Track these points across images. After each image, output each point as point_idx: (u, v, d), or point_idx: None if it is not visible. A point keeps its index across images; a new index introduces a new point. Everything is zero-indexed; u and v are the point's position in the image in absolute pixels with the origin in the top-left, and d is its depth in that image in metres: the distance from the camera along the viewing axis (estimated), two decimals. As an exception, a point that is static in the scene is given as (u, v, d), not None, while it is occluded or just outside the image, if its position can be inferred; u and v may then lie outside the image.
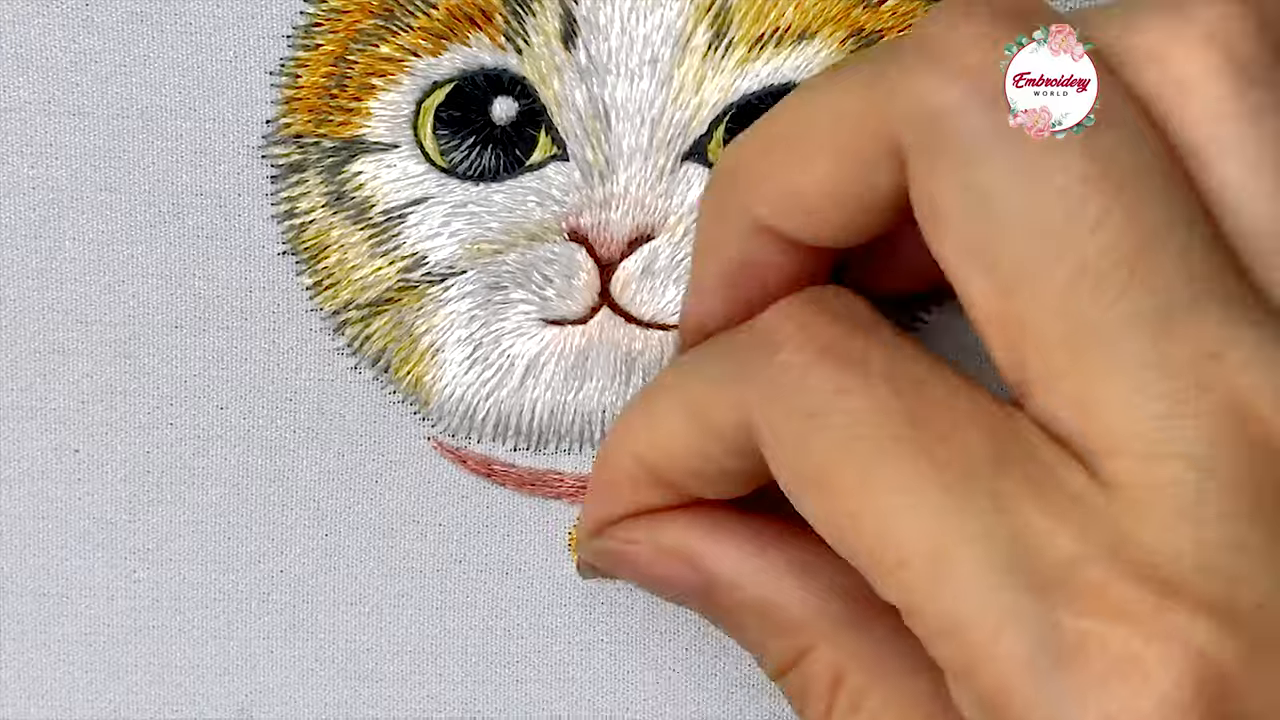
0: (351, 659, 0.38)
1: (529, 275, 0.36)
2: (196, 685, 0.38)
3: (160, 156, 0.36)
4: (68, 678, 0.37)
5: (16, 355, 0.37)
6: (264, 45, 0.36)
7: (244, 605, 0.37)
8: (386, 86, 0.36)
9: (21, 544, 0.37)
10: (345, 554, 0.37)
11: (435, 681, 0.38)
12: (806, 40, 0.36)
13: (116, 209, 0.36)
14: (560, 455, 0.37)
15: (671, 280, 0.36)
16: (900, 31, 0.36)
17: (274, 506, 0.37)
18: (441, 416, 0.37)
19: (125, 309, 0.36)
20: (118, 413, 0.37)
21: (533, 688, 0.38)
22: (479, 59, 0.35)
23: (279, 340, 0.37)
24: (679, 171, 0.36)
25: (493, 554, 0.37)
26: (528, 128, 0.36)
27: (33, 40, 0.35)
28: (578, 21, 0.35)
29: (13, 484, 0.37)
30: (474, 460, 0.37)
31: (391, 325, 0.37)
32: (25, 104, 0.36)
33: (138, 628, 0.37)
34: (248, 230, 0.36)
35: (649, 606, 0.37)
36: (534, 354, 0.37)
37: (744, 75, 0.36)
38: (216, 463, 0.37)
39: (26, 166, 0.36)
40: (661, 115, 0.36)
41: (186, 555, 0.37)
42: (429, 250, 0.36)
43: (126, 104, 0.36)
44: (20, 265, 0.36)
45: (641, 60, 0.35)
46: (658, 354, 0.36)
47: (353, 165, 0.36)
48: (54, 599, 0.37)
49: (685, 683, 0.38)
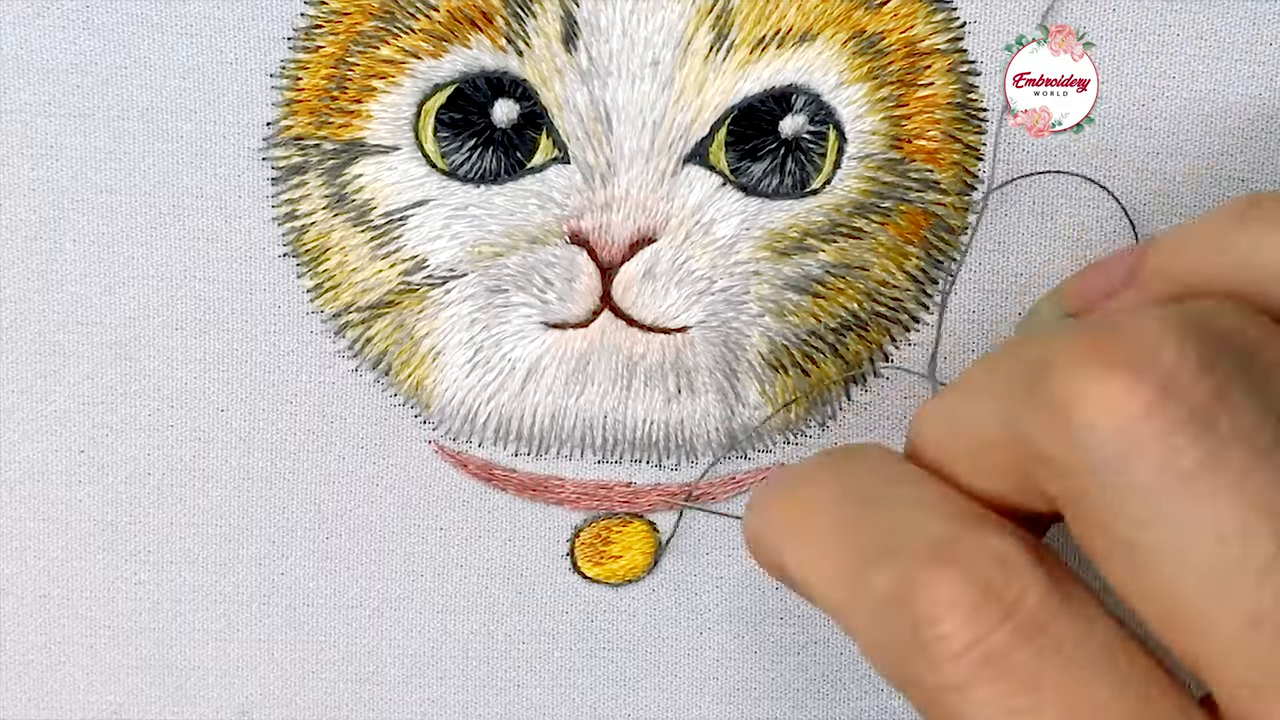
0: (351, 661, 0.38)
1: (530, 278, 0.36)
2: (197, 686, 0.38)
3: (161, 159, 0.36)
4: (68, 678, 0.38)
5: (18, 357, 0.37)
6: (264, 47, 0.36)
7: (245, 607, 0.37)
8: (387, 89, 0.36)
9: (23, 545, 0.37)
10: (346, 557, 0.37)
11: (435, 684, 0.38)
12: (808, 42, 0.35)
13: (117, 211, 0.36)
14: (561, 460, 0.37)
15: (673, 283, 0.36)
16: (902, 34, 0.36)
17: (274, 509, 0.37)
18: (442, 420, 0.37)
19: (126, 311, 0.36)
20: (118, 415, 0.37)
21: (533, 692, 0.38)
22: (480, 61, 0.35)
23: (280, 343, 0.37)
24: (680, 174, 0.36)
25: (493, 558, 0.37)
26: (529, 130, 0.36)
27: (34, 43, 0.36)
28: (579, 24, 0.35)
29: (14, 485, 0.37)
30: (475, 465, 0.37)
31: (392, 328, 0.37)
32: (26, 106, 0.36)
33: (138, 629, 0.37)
34: (248, 232, 0.36)
35: (649, 611, 0.37)
36: (535, 358, 0.36)
37: (745, 77, 0.35)
38: (217, 465, 0.37)
39: (28, 168, 0.36)
40: (663, 118, 0.35)
41: (187, 557, 0.37)
42: (430, 253, 0.36)
43: (127, 106, 0.36)
44: (21, 266, 0.36)
45: (643, 63, 0.35)
46: (659, 358, 0.36)
47: (353, 168, 0.36)
48: (55, 600, 0.37)
49: (686, 687, 0.38)
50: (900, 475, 0.29)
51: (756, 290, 0.36)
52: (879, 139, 0.36)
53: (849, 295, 0.37)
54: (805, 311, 0.37)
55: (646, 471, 0.37)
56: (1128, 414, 0.25)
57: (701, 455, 0.37)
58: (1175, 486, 0.25)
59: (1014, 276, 0.37)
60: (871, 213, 0.36)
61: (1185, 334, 0.25)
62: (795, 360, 0.37)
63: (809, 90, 0.36)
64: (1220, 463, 0.25)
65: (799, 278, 0.36)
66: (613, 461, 0.37)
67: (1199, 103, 0.37)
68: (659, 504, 0.37)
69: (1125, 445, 0.25)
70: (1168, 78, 0.37)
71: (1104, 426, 0.25)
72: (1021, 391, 0.27)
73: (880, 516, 0.28)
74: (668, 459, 0.37)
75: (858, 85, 0.36)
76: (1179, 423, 0.25)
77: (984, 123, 0.37)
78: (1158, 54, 0.36)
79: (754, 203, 0.36)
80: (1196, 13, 0.36)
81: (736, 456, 0.37)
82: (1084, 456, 0.25)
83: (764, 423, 0.37)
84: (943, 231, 0.37)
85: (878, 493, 0.29)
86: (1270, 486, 0.25)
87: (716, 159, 0.36)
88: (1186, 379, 0.25)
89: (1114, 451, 0.25)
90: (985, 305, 0.37)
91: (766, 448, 0.37)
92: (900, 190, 0.36)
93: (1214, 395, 0.25)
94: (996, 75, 0.36)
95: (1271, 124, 0.37)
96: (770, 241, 0.36)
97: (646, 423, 0.37)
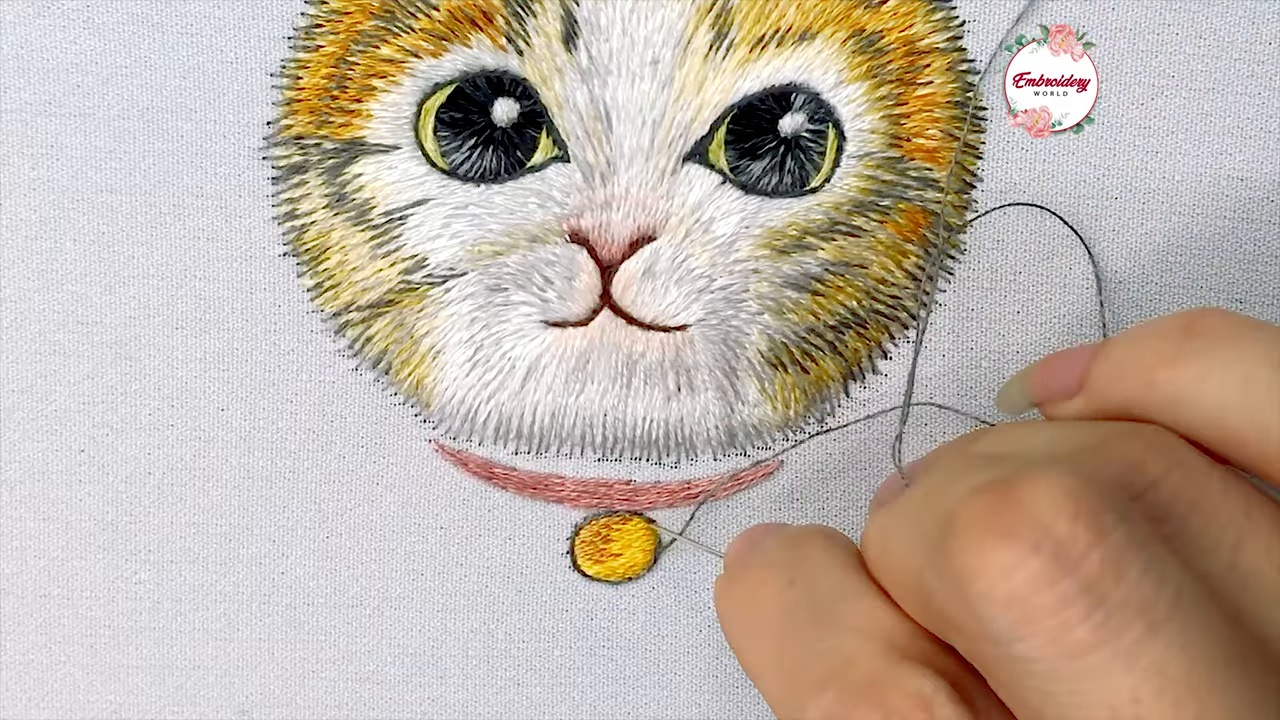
0: (352, 660, 0.38)
1: (530, 277, 0.36)
2: (197, 685, 0.38)
3: (161, 158, 0.36)
4: (68, 678, 0.38)
5: (18, 356, 0.37)
6: (265, 47, 0.36)
7: (245, 606, 0.37)
8: (387, 88, 0.36)
9: (23, 545, 0.37)
10: (346, 556, 0.37)
11: (435, 683, 0.38)
12: (807, 41, 0.35)
13: (117, 210, 0.36)
14: (561, 459, 0.37)
15: (672, 281, 0.36)
16: (901, 32, 0.36)
17: (275, 508, 0.37)
18: (442, 419, 0.37)
19: (126, 310, 0.36)
20: (119, 414, 0.37)
21: (533, 690, 0.38)
22: (480, 60, 0.35)
23: (280, 342, 0.37)
24: (680, 172, 0.36)
25: (493, 556, 0.37)
26: (529, 129, 0.36)
27: (34, 42, 0.36)
28: (579, 23, 0.35)
29: (14, 485, 0.37)
30: (475, 463, 0.37)
31: (393, 327, 0.37)
32: (27, 105, 0.36)
33: (139, 628, 0.37)
34: (249, 232, 0.36)
35: (649, 609, 0.37)
36: (535, 356, 0.36)
37: (745, 76, 0.35)
38: (217, 464, 0.37)
39: (28, 167, 0.36)
40: (663, 116, 0.35)
41: (187, 556, 0.37)
42: (430, 252, 0.36)
43: (127, 105, 0.36)
44: (22, 266, 0.36)
45: (643, 61, 0.35)
46: (659, 356, 0.36)
47: (353, 167, 0.36)
48: (56, 600, 0.37)
49: (685, 685, 0.38)
50: (843, 590, 0.30)
51: (756, 288, 0.36)
52: (878, 137, 0.36)
53: (848, 293, 0.37)
54: (804, 309, 0.37)
55: (646, 469, 0.37)
56: (1019, 587, 0.25)
57: (701, 453, 0.37)
58: (1067, 660, 0.25)
59: (1012, 275, 0.37)
60: (870, 211, 0.36)
61: (1080, 503, 0.25)
62: (794, 358, 0.37)
63: (808, 89, 0.36)
64: (1112, 635, 0.25)
65: (798, 275, 0.36)
66: (612, 459, 0.37)
67: (1199, 103, 0.37)
68: (659, 501, 0.37)
69: (1017, 619, 0.25)
70: (1167, 78, 0.37)
71: (997, 599, 0.25)
72: (931, 546, 0.27)
73: (820, 639, 0.29)
74: (667, 456, 0.37)
75: (857, 84, 0.36)
76: (1069, 598, 0.25)
77: (984, 121, 0.37)
78: (1157, 54, 0.36)
79: (753, 201, 0.36)
80: (1196, 12, 0.36)
81: (736, 454, 0.37)
82: (982, 627, 0.26)
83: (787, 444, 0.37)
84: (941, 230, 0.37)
85: (822, 608, 0.30)
86: (1163, 658, 0.25)
87: (716, 157, 0.36)
88: (1078, 551, 0.25)
89: (1008, 624, 0.25)
90: (985, 304, 0.37)
91: (766, 445, 0.37)
92: (899, 189, 0.36)
93: (1107, 566, 0.25)
94: (995, 75, 0.36)
95: (1271, 124, 0.37)
96: (769, 239, 0.36)
97: (646, 420, 0.37)
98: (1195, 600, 0.25)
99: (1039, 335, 0.37)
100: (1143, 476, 0.27)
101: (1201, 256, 0.37)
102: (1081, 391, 0.31)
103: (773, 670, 0.30)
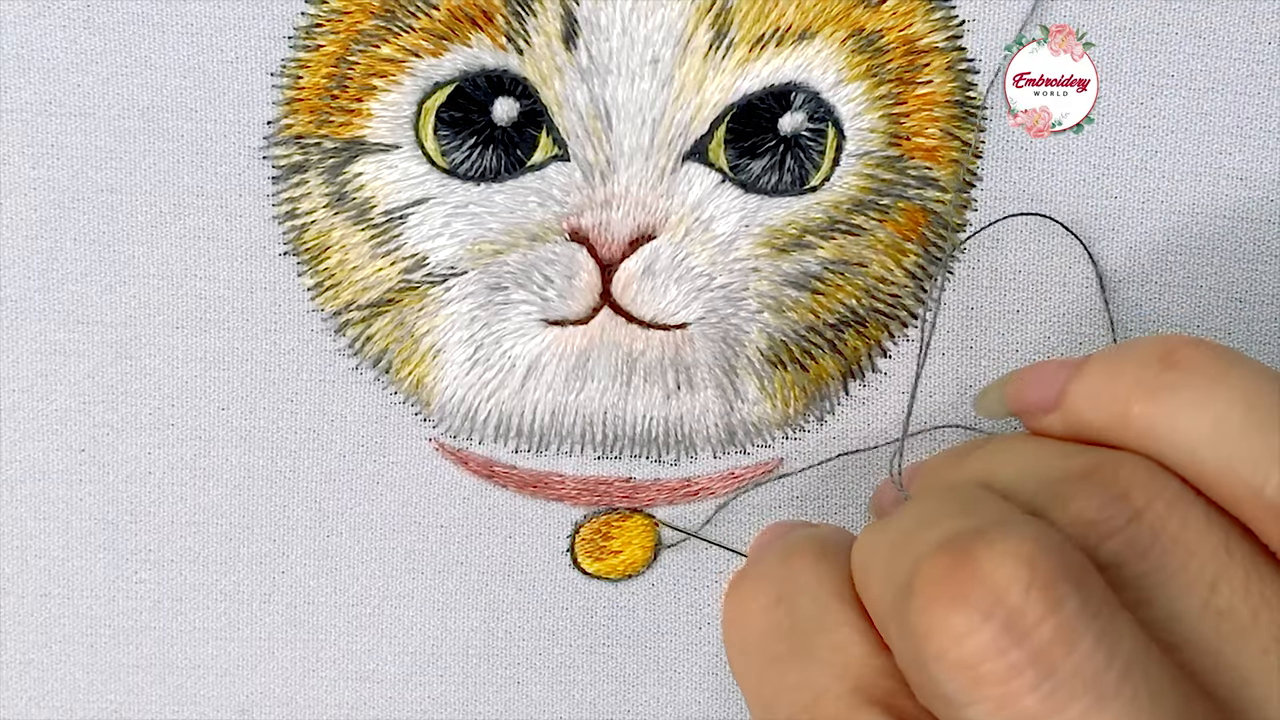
0: (352, 659, 0.38)
1: (530, 276, 0.36)
2: (197, 685, 0.38)
3: (161, 157, 0.36)
4: (69, 678, 0.38)
5: (18, 356, 0.37)
6: (265, 46, 0.36)
7: (245, 605, 0.37)
8: (387, 87, 0.36)
9: (23, 544, 0.37)
10: (346, 555, 0.37)
11: (436, 682, 0.38)
12: (807, 40, 0.36)
13: (118, 209, 0.36)
14: (561, 457, 0.37)
15: (672, 280, 0.36)
16: (901, 32, 0.36)
17: (275, 507, 0.37)
18: (443, 418, 0.37)
19: (126, 309, 0.36)
20: (119, 413, 0.37)
21: (533, 689, 0.38)
22: (480, 60, 0.35)
23: (280, 341, 0.37)
24: (680, 171, 0.36)
25: (494, 555, 0.37)
26: (529, 128, 0.36)
27: (35, 41, 0.36)
28: (579, 22, 0.35)
29: (15, 484, 0.37)
30: (475, 462, 0.37)
31: (393, 326, 0.37)
32: (27, 105, 0.36)
33: (139, 628, 0.37)
34: (249, 231, 0.36)
35: (649, 606, 0.37)
36: (535, 355, 0.37)
37: (745, 75, 0.35)
38: (218, 463, 0.37)
39: (28, 167, 0.36)
40: (662, 115, 0.36)
41: (188, 556, 0.37)
42: (430, 251, 0.36)
43: (128, 105, 0.36)
44: (22, 265, 0.36)
45: (643, 60, 0.35)
46: (658, 354, 0.36)
47: (354, 166, 0.36)
48: (56, 599, 0.37)
49: (685, 683, 0.38)
50: (821, 620, 0.30)
51: (755, 287, 0.36)
52: (878, 136, 0.36)
53: (848, 292, 0.37)
54: (804, 308, 0.37)
55: (646, 467, 0.37)
56: (970, 654, 0.25)
57: (700, 450, 0.37)
58: None
59: (1013, 274, 0.37)
60: (870, 210, 0.36)
61: (1036, 573, 0.25)
62: (794, 356, 0.37)
63: (808, 88, 0.36)
64: (1059, 706, 0.25)
65: (798, 274, 0.36)
66: (612, 457, 0.37)
67: (1198, 102, 0.37)
68: (658, 499, 0.37)
69: (968, 683, 0.25)
70: (1167, 77, 0.37)
71: (949, 662, 0.25)
72: (898, 593, 0.27)
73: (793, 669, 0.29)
74: (667, 454, 0.37)
75: (857, 83, 0.36)
76: (1018, 667, 0.25)
77: (984, 121, 0.37)
78: (1157, 54, 0.37)
79: (753, 200, 0.36)
80: (1195, 12, 0.36)
81: (736, 451, 0.37)
82: (935, 686, 0.26)
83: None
84: (940, 229, 0.37)
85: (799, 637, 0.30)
86: None
87: (716, 156, 0.36)
88: (1030, 621, 0.25)
89: (958, 688, 0.25)
90: (985, 304, 0.37)
91: (766, 443, 0.37)
92: (899, 187, 0.36)
93: (1058, 638, 0.25)
94: (994, 76, 0.37)
95: (1270, 123, 0.37)
96: (769, 238, 0.36)
97: (646, 418, 0.37)
98: (1147, 670, 0.25)
99: (1039, 335, 0.37)
100: (1126, 507, 0.28)
101: (1201, 256, 0.37)
102: (1058, 409, 0.31)
103: (753, 694, 0.30)
